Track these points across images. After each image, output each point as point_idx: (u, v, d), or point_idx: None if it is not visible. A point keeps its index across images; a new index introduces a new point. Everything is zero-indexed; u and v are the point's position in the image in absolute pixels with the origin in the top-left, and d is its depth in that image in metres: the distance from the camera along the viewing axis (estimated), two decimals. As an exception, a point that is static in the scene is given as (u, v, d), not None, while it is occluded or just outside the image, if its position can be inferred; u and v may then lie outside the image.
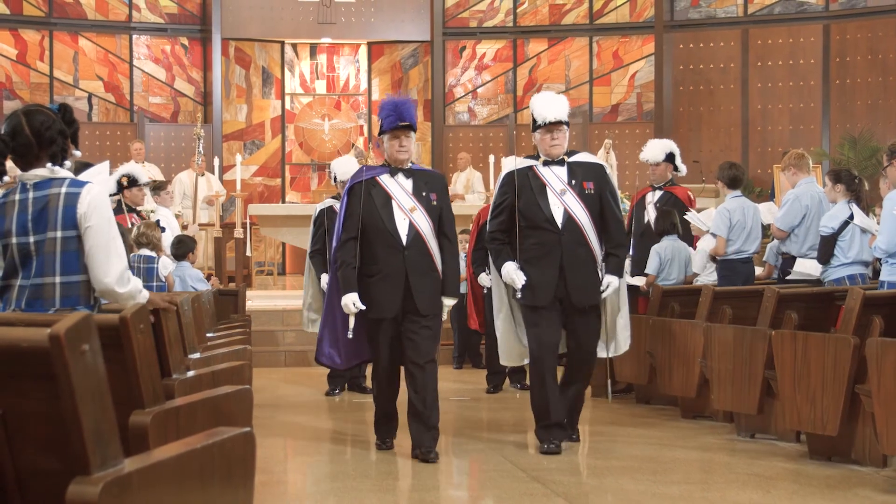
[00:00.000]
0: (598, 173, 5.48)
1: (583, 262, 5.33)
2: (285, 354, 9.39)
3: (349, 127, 15.50)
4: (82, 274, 3.42)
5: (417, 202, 5.23)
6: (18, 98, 13.90)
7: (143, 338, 2.58)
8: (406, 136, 5.23)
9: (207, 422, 2.73)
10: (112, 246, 3.43)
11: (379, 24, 15.00)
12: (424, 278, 5.20)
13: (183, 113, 14.89)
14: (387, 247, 5.17)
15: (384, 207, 5.19)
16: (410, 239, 5.18)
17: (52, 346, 1.75)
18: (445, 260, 5.30)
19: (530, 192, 5.36)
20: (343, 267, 5.23)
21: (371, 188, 5.24)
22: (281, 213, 11.60)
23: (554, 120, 5.38)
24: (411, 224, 5.20)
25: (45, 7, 14.15)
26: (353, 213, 5.23)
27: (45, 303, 3.39)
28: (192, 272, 7.56)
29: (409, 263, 5.17)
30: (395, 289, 5.15)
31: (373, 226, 5.18)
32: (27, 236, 3.39)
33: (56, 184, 3.40)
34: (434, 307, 5.24)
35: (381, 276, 5.18)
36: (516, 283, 5.30)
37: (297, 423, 6.57)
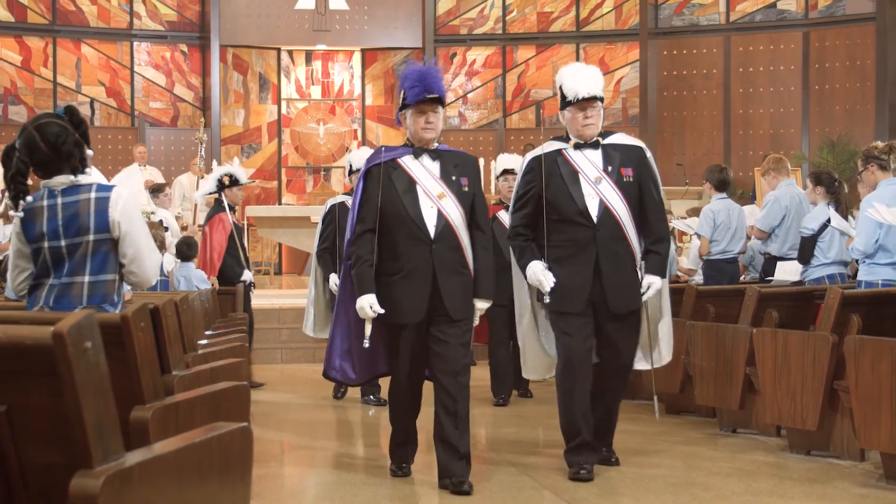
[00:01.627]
0: (638, 157, 4.71)
1: (621, 261, 4.60)
2: (282, 352, 9.66)
3: (343, 131, 15.82)
4: (109, 273, 3.49)
5: (446, 187, 4.43)
6: (23, 103, 14.24)
7: (144, 335, 2.58)
8: (433, 112, 4.44)
9: (206, 417, 2.75)
10: (149, 245, 3.55)
11: (372, 31, 15.35)
12: (455, 277, 4.42)
13: (182, 117, 15.22)
14: (411, 239, 4.39)
15: (407, 193, 4.40)
16: (439, 230, 4.39)
17: (56, 343, 1.75)
18: (478, 255, 4.52)
19: (560, 181, 4.62)
20: (358, 264, 4.43)
21: (391, 171, 4.43)
22: (277, 214, 11.86)
23: (587, 95, 4.60)
24: (440, 213, 4.40)
25: (48, 15, 14.46)
26: (371, 200, 4.43)
27: (72, 300, 3.45)
28: (196, 272, 7.86)
29: (438, 259, 4.39)
30: (420, 289, 4.38)
31: (394, 215, 4.39)
32: (59, 240, 3.44)
33: (84, 189, 3.45)
34: (465, 311, 4.46)
35: (404, 274, 4.40)
36: (544, 285, 4.58)
37: (293, 418, 6.66)
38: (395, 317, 4.42)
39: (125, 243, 3.46)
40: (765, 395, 5.19)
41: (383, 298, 4.39)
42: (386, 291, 4.41)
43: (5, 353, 1.88)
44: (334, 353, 4.71)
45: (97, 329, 1.82)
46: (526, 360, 4.97)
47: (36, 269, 3.52)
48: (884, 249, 5.62)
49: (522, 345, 4.95)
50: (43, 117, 3.53)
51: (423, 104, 4.42)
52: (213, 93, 14.94)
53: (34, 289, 3.53)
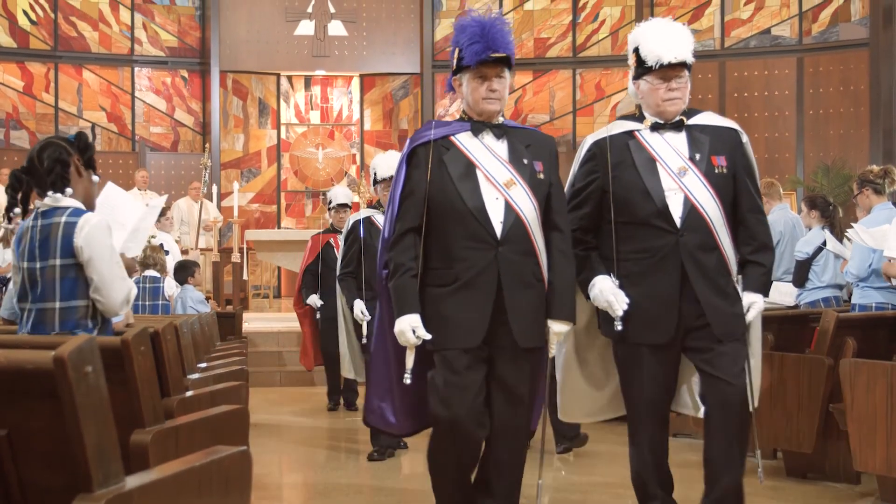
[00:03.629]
0: (732, 142, 3.65)
1: (713, 275, 3.55)
2: (281, 375, 9.68)
3: (342, 156, 15.93)
4: (80, 299, 3.48)
5: (516, 173, 3.41)
6: (24, 128, 14.33)
7: (144, 359, 2.56)
8: (499, 76, 3.43)
9: (205, 440, 2.72)
10: (115, 272, 3.50)
11: (371, 57, 15.49)
12: (525, 292, 3.38)
13: (182, 142, 15.31)
14: (470, 240, 3.35)
15: (465, 180, 3.39)
16: (508, 228, 3.36)
17: (57, 367, 1.75)
18: (555, 263, 3.45)
19: (632, 171, 3.58)
20: (398, 274, 3.39)
21: (443, 152, 3.43)
22: (276, 238, 11.96)
23: (674, 60, 3.53)
24: (508, 205, 3.38)
25: (50, 41, 14.58)
26: (416, 190, 3.41)
27: (46, 326, 3.46)
28: (193, 294, 7.93)
29: (505, 266, 3.35)
30: (480, 305, 3.33)
31: (447, 208, 3.38)
32: (34, 262, 3.46)
33: (59, 213, 3.46)
34: (537, 336, 3.41)
35: (460, 285, 3.35)
36: (615, 307, 3.52)
37: (293, 441, 6.67)
38: (443, 341, 3.34)
39: (89, 269, 3.45)
40: (761, 417, 5.11)
41: (430, 318, 3.36)
42: (433, 308, 3.37)
43: (6, 376, 1.88)
44: (372, 391, 3.64)
45: (98, 353, 1.83)
46: (563, 397, 3.85)
47: (18, 292, 3.55)
48: (877, 273, 5.66)
49: (561, 377, 3.82)
50: (49, 139, 3.60)
51: (486, 66, 3.41)
52: (213, 118, 15.04)
53: (22, 312, 3.55)
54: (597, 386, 3.85)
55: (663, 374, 3.62)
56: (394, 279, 3.41)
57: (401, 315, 3.36)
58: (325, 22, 15.31)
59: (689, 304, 3.54)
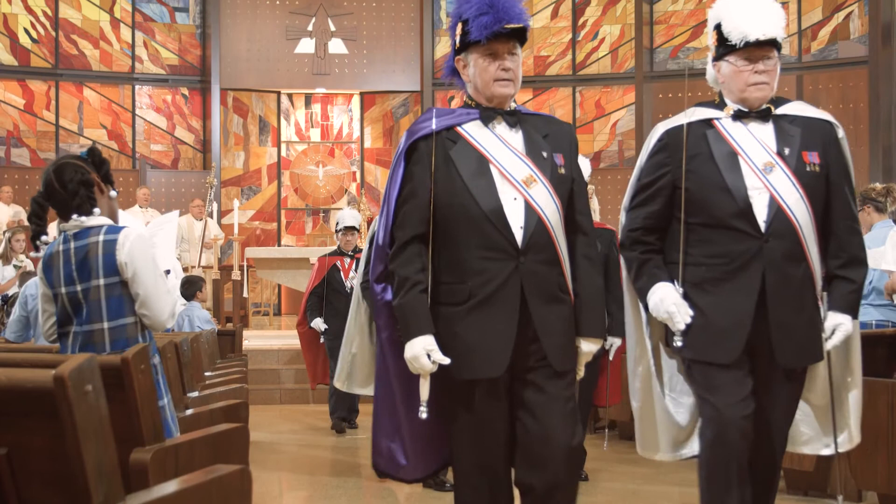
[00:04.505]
0: (826, 136, 3.19)
1: (797, 289, 3.09)
2: (281, 392, 9.69)
3: (342, 173, 15.96)
4: (128, 317, 3.44)
5: (536, 168, 2.93)
6: (25, 146, 14.36)
7: (144, 378, 2.55)
8: (511, 53, 2.96)
9: (205, 459, 2.71)
10: (160, 286, 3.47)
11: (371, 74, 15.54)
12: (552, 307, 2.91)
13: (183, 160, 15.34)
14: (486, 248, 2.88)
15: (478, 177, 2.91)
16: (530, 233, 2.88)
17: (57, 386, 1.76)
18: (581, 272, 2.99)
19: (710, 165, 3.13)
20: (404, 289, 2.90)
21: (450, 146, 2.95)
22: (277, 255, 11.93)
23: (763, 38, 3.09)
24: (529, 207, 2.90)
25: (51, 59, 14.64)
26: (419, 192, 2.93)
27: (96, 347, 3.40)
28: (200, 313, 7.93)
29: (528, 279, 2.88)
30: (502, 327, 2.87)
31: (458, 212, 2.90)
32: (74, 285, 3.42)
33: (94, 232, 3.43)
34: (569, 358, 2.96)
35: (477, 303, 2.88)
36: (676, 320, 3.12)
37: (293, 459, 6.68)
38: (460, 369, 2.87)
39: (135, 284, 3.42)
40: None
41: (443, 343, 2.88)
42: (446, 331, 2.90)
43: (7, 395, 1.88)
44: (379, 431, 3.10)
45: (98, 372, 1.83)
46: (643, 430, 3.35)
47: (57, 316, 3.51)
48: (877, 291, 5.66)
49: (637, 409, 3.35)
50: (63, 158, 3.56)
51: (497, 41, 2.93)
52: (213, 135, 15.07)
53: (62, 336, 3.51)
54: (681, 414, 3.31)
55: (736, 391, 3.08)
56: (399, 296, 2.91)
57: (412, 337, 2.86)
58: (326, 40, 15.37)
59: (762, 321, 3.08)
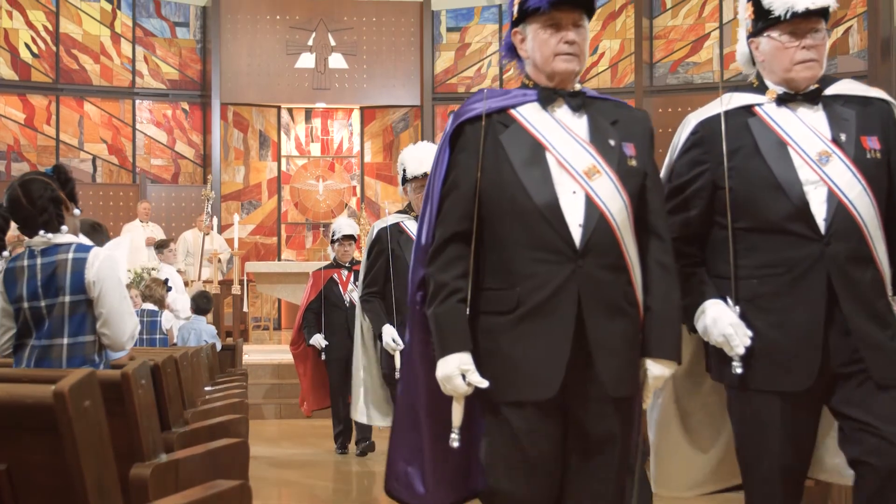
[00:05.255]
0: (885, 117, 2.76)
1: (868, 297, 2.64)
2: (281, 407, 9.67)
3: (343, 188, 15.97)
4: (88, 335, 3.50)
5: (601, 158, 2.54)
6: (26, 160, 14.36)
7: (144, 393, 2.56)
8: (577, 25, 2.58)
9: (205, 474, 2.71)
10: (124, 307, 3.53)
11: (371, 89, 15.55)
12: (615, 321, 2.49)
13: (183, 174, 15.35)
14: (538, 249, 2.48)
15: (531, 167, 2.52)
16: (590, 233, 2.48)
17: (56, 402, 1.76)
18: (655, 281, 2.56)
19: (757, 159, 2.70)
20: (440, 297, 2.51)
21: (500, 130, 2.57)
22: (277, 270, 11.93)
23: (812, 7, 2.69)
24: (590, 201, 2.50)
25: (52, 73, 14.65)
26: (463, 182, 2.55)
27: (52, 362, 3.46)
28: (207, 327, 7.94)
29: (588, 286, 2.46)
30: (555, 341, 2.45)
31: (507, 205, 2.51)
32: (38, 301, 3.45)
33: (63, 249, 3.47)
34: (633, 381, 2.53)
35: (526, 312, 2.46)
36: (734, 343, 2.64)
37: (293, 474, 6.67)
38: (504, 390, 2.46)
39: (100, 304, 3.47)
40: None
41: (484, 358, 2.49)
42: (490, 345, 2.50)
43: (6, 410, 1.88)
44: (396, 452, 2.73)
45: (98, 387, 1.83)
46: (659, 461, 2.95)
47: (17, 329, 3.53)
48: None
49: (655, 442, 2.95)
50: (29, 175, 3.60)
51: (559, 11, 2.56)
52: (213, 150, 15.09)
53: (18, 349, 3.55)
54: (701, 447, 2.94)
55: (800, 433, 2.66)
56: (434, 304, 2.51)
57: (446, 354, 2.47)
58: (326, 55, 15.41)
59: (838, 337, 2.63)
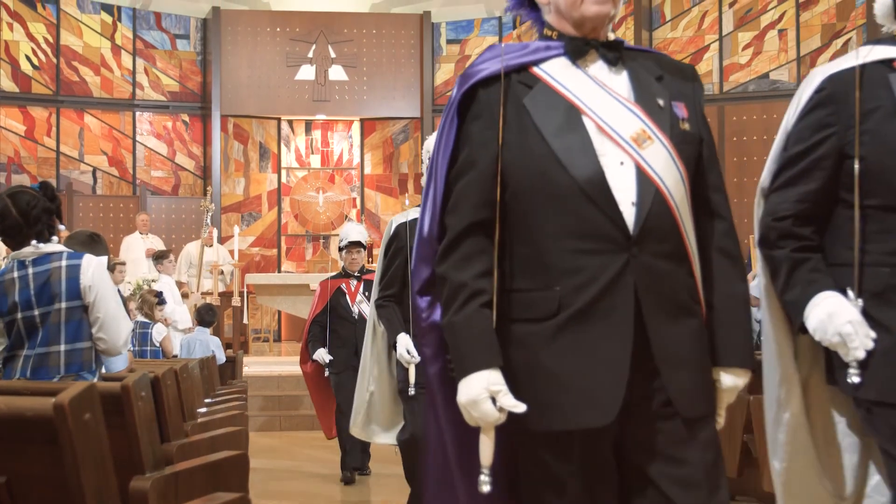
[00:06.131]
0: None
1: None
2: (281, 419, 9.67)
3: (343, 199, 15.98)
4: (85, 341, 3.51)
5: (650, 120, 2.03)
6: (26, 172, 14.36)
7: (144, 405, 2.57)
8: None
9: (205, 486, 2.72)
10: (119, 312, 3.57)
11: (371, 101, 15.57)
12: (680, 322, 2.01)
13: (183, 186, 15.36)
14: (581, 236, 1.96)
15: (566, 134, 2.00)
16: (645, 212, 1.97)
17: (57, 415, 1.76)
18: (719, 273, 2.10)
19: (895, 122, 2.23)
20: (458, 301, 1.99)
21: (523, 93, 2.04)
22: (277, 282, 11.92)
23: None
24: (641, 175, 1.99)
25: (52, 85, 14.67)
26: (480, 158, 2.03)
27: (49, 370, 3.46)
28: (213, 339, 7.93)
29: (646, 281, 1.97)
30: (612, 352, 1.95)
31: (539, 183, 1.99)
32: (32, 310, 3.46)
33: (55, 258, 3.49)
34: (709, 397, 2.06)
35: (571, 317, 1.96)
36: (853, 345, 2.19)
37: (293, 487, 6.67)
38: (548, 417, 1.94)
39: (95, 309, 3.51)
40: (762, 462, 5.11)
41: (519, 377, 1.96)
42: (525, 360, 1.97)
43: (7, 423, 1.87)
44: (433, 496, 2.21)
45: (98, 400, 1.83)
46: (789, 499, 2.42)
47: (10, 341, 3.53)
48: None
49: (781, 471, 2.43)
50: (17, 188, 3.64)
51: None
52: (213, 162, 15.10)
53: (8, 361, 3.54)
54: (832, 470, 2.38)
55: None
56: (450, 312, 1.97)
57: (469, 372, 1.91)
58: (326, 67, 15.43)
59: None
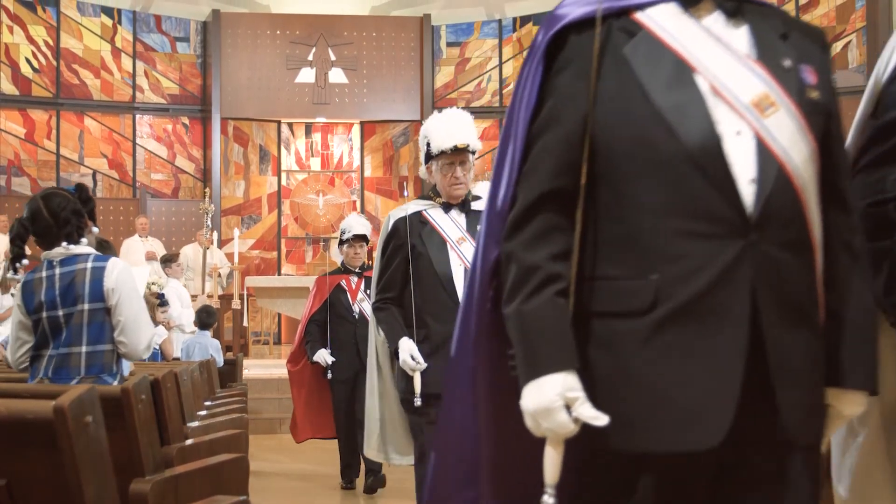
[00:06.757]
0: None
1: None
2: (281, 422, 9.62)
3: (343, 202, 15.98)
4: (107, 343, 3.53)
5: (775, 82, 1.60)
6: (26, 175, 14.38)
7: (144, 408, 2.57)
8: None
9: (205, 489, 2.74)
10: (141, 317, 3.58)
11: (371, 104, 15.59)
12: (800, 330, 1.58)
13: (184, 189, 15.37)
14: (686, 216, 1.55)
15: (674, 92, 1.59)
16: (767, 192, 1.55)
17: (57, 417, 1.76)
18: (842, 273, 1.67)
19: None
20: (528, 288, 1.61)
21: (622, 42, 1.65)
22: (277, 284, 11.94)
23: None
24: (762, 147, 1.56)
25: (52, 88, 14.68)
26: (565, 115, 1.65)
27: (70, 371, 3.48)
28: (212, 342, 7.91)
29: (766, 273, 1.54)
30: (721, 358, 1.53)
31: (638, 148, 1.59)
32: (56, 310, 3.49)
33: (81, 259, 3.53)
34: (816, 424, 1.65)
35: (671, 313, 1.55)
36: None
37: (293, 490, 6.67)
38: (642, 436, 1.58)
39: (118, 312, 3.53)
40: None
41: (601, 384, 1.62)
42: (609, 364, 1.63)
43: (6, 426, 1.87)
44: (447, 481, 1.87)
45: (98, 403, 1.84)
46: None
47: (36, 340, 3.57)
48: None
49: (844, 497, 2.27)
50: (51, 189, 3.70)
51: None
52: (213, 164, 15.11)
53: (34, 360, 3.58)
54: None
55: None
56: (518, 299, 1.63)
57: (541, 374, 1.58)
58: (326, 69, 15.44)
59: None
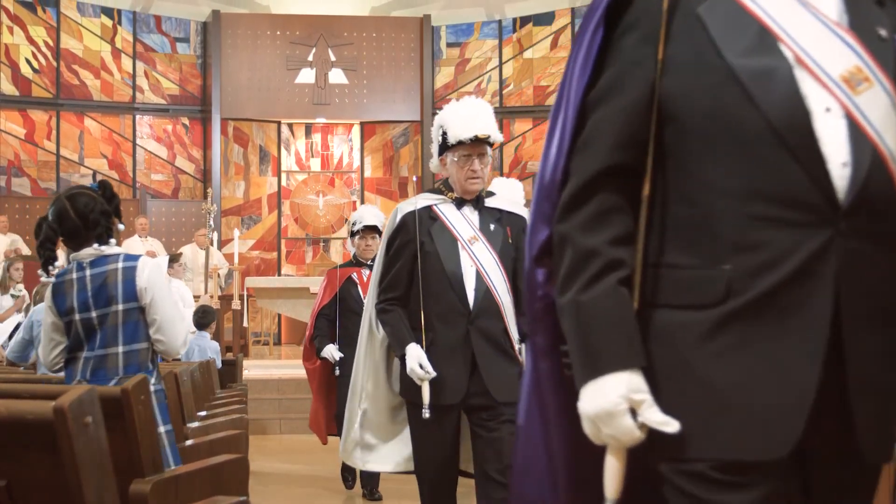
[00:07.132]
0: None
1: None
2: (281, 423, 9.65)
3: (343, 203, 15.98)
4: (142, 342, 3.52)
5: (869, 56, 1.42)
6: (26, 175, 14.39)
7: (144, 409, 2.58)
8: None
9: (205, 490, 2.75)
10: (176, 314, 3.59)
11: (371, 104, 15.58)
12: (884, 333, 1.44)
13: (183, 189, 15.37)
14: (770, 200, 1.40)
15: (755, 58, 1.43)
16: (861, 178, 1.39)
17: (57, 418, 1.76)
18: None
19: None
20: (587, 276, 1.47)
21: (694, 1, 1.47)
22: (277, 285, 11.93)
23: None
24: (854, 127, 1.39)
25: (52, 89, 14.69)
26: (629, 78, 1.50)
27: (108, 372, 3.47)
28: (210, 343, 7.88)
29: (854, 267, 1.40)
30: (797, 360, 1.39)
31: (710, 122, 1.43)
32: (89, 312, 3.48)
33: (111, 260, 3.51)
34: (891, 440, 1.46)
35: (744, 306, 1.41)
36: None
37: (293, 490, 6.67)
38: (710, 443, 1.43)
39: (152, 310, 3.52)
40: None
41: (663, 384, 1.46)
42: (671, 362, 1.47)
43: (7, 427, 1.87)
44: None
45: (98, 404, 1.84)
46: None
47: (69, 342, 3.56)
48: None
49: None
50: (76, 189, 3.65)
51: None
52: (213, 165, 15.10)
53: (69, 362, 3.56)
54: None
55: None
56: (574, 288, 1.49)
57: (602, 373, 1.45)
58: (326, 70, 15.44)
59: None
